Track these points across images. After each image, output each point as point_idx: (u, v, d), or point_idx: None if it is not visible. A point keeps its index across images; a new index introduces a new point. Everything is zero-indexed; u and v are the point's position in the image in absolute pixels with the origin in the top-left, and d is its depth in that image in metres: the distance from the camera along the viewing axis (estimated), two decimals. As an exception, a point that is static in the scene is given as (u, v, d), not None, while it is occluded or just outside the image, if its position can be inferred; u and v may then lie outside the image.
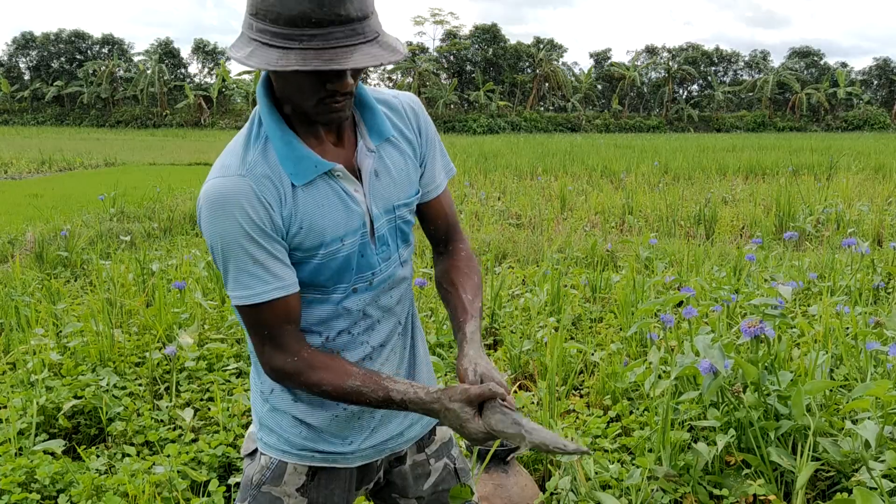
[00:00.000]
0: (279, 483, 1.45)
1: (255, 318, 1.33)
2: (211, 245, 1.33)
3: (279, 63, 1.18)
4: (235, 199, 1.29)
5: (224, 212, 1.29)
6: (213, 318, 4.32)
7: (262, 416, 1.47)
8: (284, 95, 1.31)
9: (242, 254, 1.30)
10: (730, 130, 58.53)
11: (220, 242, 1.30)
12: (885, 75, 66.47)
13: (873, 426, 2.28)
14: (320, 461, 1.46)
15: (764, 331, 2.60)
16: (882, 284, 4.86)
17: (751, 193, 11.41)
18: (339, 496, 1.48)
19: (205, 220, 1.31)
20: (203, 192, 1.32)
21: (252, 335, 1.36)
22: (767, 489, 2.37)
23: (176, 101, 63.00)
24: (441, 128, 56.08)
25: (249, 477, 1.47)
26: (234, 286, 1.32)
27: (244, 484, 1.48)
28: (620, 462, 2.68)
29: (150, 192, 11.06)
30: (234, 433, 2.85)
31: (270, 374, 1.36)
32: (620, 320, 4.50)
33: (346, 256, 1.38)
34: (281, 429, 1.45)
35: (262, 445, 1.47)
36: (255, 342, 1.36)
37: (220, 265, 1.34)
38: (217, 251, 1.32)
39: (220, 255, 1.32)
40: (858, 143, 27.52)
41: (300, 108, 1.31)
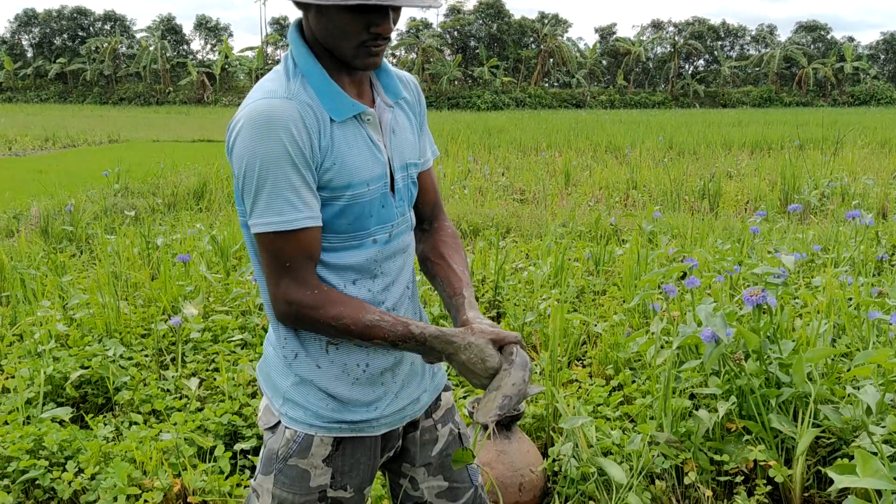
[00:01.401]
0: (306, 455, 1.45)
1: (280, 247, 1.32)
2: (245, 167, 1.31)
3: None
4: (282, 120, 1.30)
5: (269, 132, 1.29)
6: (217, 290, 4.34)
7: (287, 390, 1.46)
8: (326, 38, 1.35)
9: (281, 178, 1.30)
10: (736, 106, 58.12)
11: (258, 164, 1.29)
12: (892, 50, 65.83)
13: (874, 391, 2.29)
14: (347, 432, 1.46)
15: (766, 299, 2.61)
16: (886, 256, 4.86)
17: (756, 168, 11.36)
18: (364, 464, 1.49)
19: (244, 139, 1.30)
20: (246, 113, 1.32)
21: (271, 268, 1.34)
22: (768, 455, 2.39)
23: (179, 77, 62.75)
24: (445, 104, 55.83)
25: (274, 450, 1.46)
26: (265, 211, 1.31)
27: (267, 457, 1.47)
28: (622, 429, 2.70)
29: (154, 169, 11.06)
30: (240, 402, 2.88)
31: (286, 309, 1.34)
32: (623, 292, 4.51)
33: (370, 202, 1.39)
34: (308, 402, 1.45)
35: (286, 420, 1.45)
36: (272, 276, 1.34)
37: (252, 189, 1.31)
38: (252, 173, 1.30)
39: (254, 177, 1.30)
40: (865, 117, 27.33)
41: (340, 51, 1.35)
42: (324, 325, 1.34)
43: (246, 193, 1.33)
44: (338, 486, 1.46)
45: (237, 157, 1.32)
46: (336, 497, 1.46)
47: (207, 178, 9.61)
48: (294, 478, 1.45)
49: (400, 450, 1.61)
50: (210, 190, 9.09)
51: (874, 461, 1.88)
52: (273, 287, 1.34)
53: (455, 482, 1.66)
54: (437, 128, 20.03)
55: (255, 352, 3.44)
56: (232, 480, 2.33)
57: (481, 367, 1.33)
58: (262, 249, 1.34)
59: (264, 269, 1.36)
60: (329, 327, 1.34)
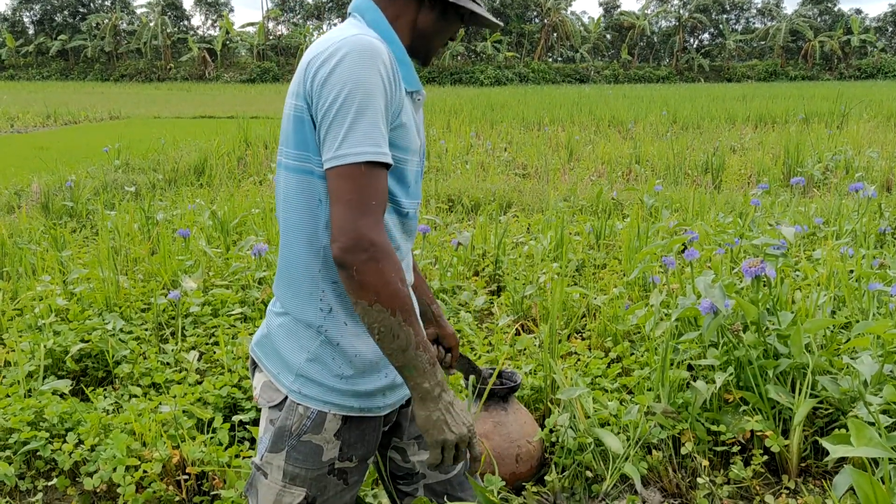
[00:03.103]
0: (320, 431, 1.45)
1: (370, 181, 1.30)
2: (347, 94, 1.30)
3: (480, 9, 1.53)
4: (381, 56, 1.34)
5: (372, 62, 1.32)
6: (217, 265, 4.34)
7: (301, 366, 1.45)
8: (427, 30, 1.52)
9: (378, 111, 1.31)
10: (741, 80, 57.66)
11: (360, 92, 1.30)
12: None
13: (871, 362, 2.29)
14: (357, 411, 1.47)
15: (765, 271, 2.60)
16: (889, 229, 4.83)
17: (760, 142, 11.29)
18: (369, 435, 1.51)
19: (348, 67, 1.31)
20: (349, 43, 1.33)
21: (353, 204, 1.29)
22: (765, 425, 2.39)
23: (180, 54, 62.44)
24: (448, 80, 55.46)
25: (287, 427, 1.45)
26: (362, 140, 1.29)
27: (279, 434, 1.46)
28: (620, 401, 2.70)
29: (155, 145, 11.04)
30: (239, 374, 2.89)
31: (359, 248, 1.28)
32: (624, 266, 4.51)
33: (413, 172, 1.48)
34: (323, 378, 1.44)
35: (298, 397, 1.45)
36: (351, 212, 1.28)
37: (349, 117, 1.29)
38: (351, 101, 1.30)
39: (353, 105, 1.30)
40: (872, 91, 27.10)
41: (428, 45, 1.53)
42: (382, 279, 1.30)
43: (337, 122, 1.30)
44: (344, 457, 1.47)
45: (336, 83, 1.31)
46: (342, 468, 1.48)
47: (208, 153, 9.58)
48: (307, 454, 1.45)
49: (393, 424, 1.63)
50: (210, 166, 9.06)
51: (868, 430, 1.87)
52: (349, 223, 1.28)
53: None
54: (440, 103, 19.93)
55: (254, 325, 3.44)
56: (231, 451, 2.34)
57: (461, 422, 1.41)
58: (346, 181, 1.29)
59: (340, 204, 1.29)
60: (385, 283, 1.30)
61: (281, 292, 1.49)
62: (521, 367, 3.02)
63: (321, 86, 1.32)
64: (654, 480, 2.41)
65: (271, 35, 65.37)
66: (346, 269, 1.30)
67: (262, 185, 8.18)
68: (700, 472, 2.39)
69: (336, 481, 1.48)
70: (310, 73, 1.35)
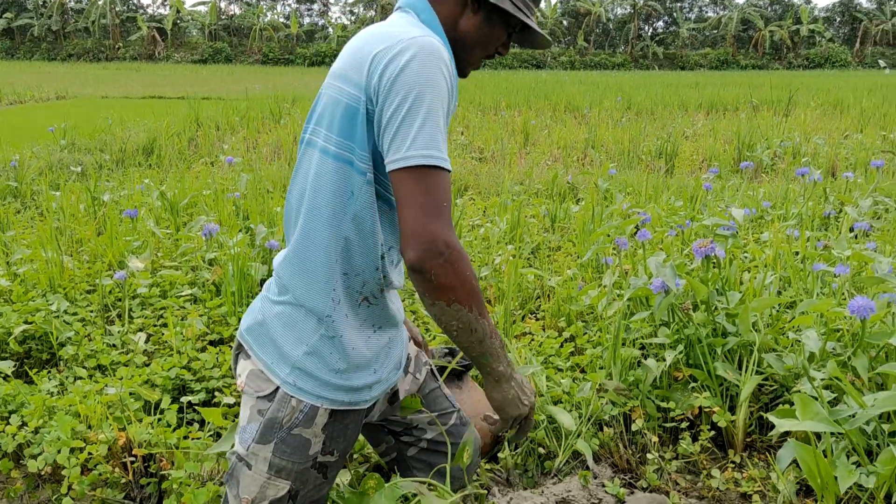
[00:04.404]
0: (310, 425, 1.45)
1: (440, 184, 1.28)
2: (416, 96, 1.28)
3: (530, 20, 1.52)
4: (445, 59, 1.34)
5: (438, 66, 1.31)
6: (166, 246, 4.25)
7: (298, 359, 1.44)
8: (471, 36, 1.49)
9: (440, 114, 1.30)
10: (694, 68, 58.52)
11: (428, 94, 1.29)
12: (848, 12, 66.69)
13: (816, 337, 2.34)
14: (347, 405, 1.48)
15: (714, 251, 2.64)
16: (833, 213, 4.95)
17: (712, 128, 11.47)
18: (351, 430, 1.52)
19: (418, 67, 1.29)
20: (416, 42, 1.32)
21: (424, 206, 1.27)
22: (712, 402, 2.44)
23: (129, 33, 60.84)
24: (404, 63, 55.08)
25: (277, 420, 1.44)
26: (429, 143, 1.27)
27: (268, 425, 1.45)
28: (573, 379, 2.72)
29: (102, 125, 10.74)
30: (188, 356, 2.83)
31: (437, 250, 1.27)
32: (578, 248, 4.54)
33: None
34: (319, 372, 1.44)
35: (292, 389, 1.44)
36: (424, 215, 1.27)
37: (419, 119, 1.28)
38: (420, 102, 1.28)
39: (423, 107, 1.28)
40: (819, 79, 27.75)
41: (471, 52, 1.52)
42: (459, 279, 1.30)
43: (406, 123, 1.28)
44: (327, 451, 1.48)
45: (406, 83, 1.29)
46: (324, 461, 1.48)
47: (157, 134, 9.37)
48: (295, 447, 1.45)
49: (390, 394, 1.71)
50: (160, 146, 8.86)
51: (814, 405, 1.92)
52: (422, 227, 1.27)
53: (440, 410, 1.81)
54: (396, 86, 19.75)
55: (204, 307, 3.38)
56: (179, 433, 2.30)
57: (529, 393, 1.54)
58: (416, 184, 1.27)
59: (411, 208, 1.27)
60: (462, 283, 1.30)
61: (290, 277, 1.45)
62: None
63: (391, 83, 1.30)
64: (606, 456, 2.44)
65: (223, 15, 64.10)
66: (423, 273, 1.28)
67: (214, 166, 8.03)
68: (650, 447, 2.43)
69: (316, 475, 1.49)
70: (376, 67, 1.33)
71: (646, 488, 2.29)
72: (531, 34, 1.59)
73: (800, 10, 63.40)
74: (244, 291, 3.36)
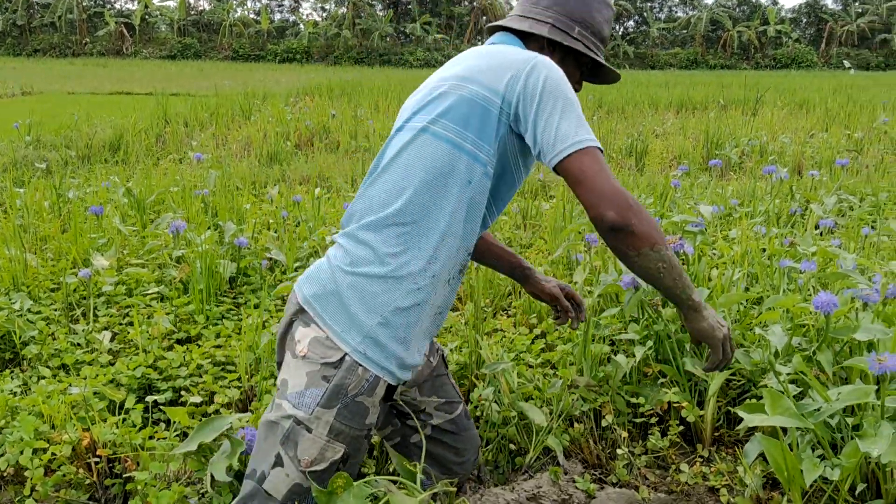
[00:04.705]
0: (372, 394, 1.56)
1: (602, 159, 1.51)
2: (565, 97, 1.54)
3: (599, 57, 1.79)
4: None
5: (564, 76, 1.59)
6: (132, 244, 4.18)
7: (372, 328, 1.54)
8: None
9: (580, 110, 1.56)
10: (664, 67, 59.05)
11: (572, 95, 1.55)
12: (814, 13, 67.77)
13: (782, 333, 2.37)
14: (397, 380, 1.61)
15: (683, 247, 2.65)
16: (799, 210, 5.02)
17: (681, 127, 11.58)
18: (380, 403, 1.62)
19: (558, 75, 1.57)
20: (541, 59, 1.59)
21: (606, 173, 1.48)
22: (681, 397, 2.45)
23: (96, 28, 59.81)
24: (377, 61, 54.96)
25: (344, 386, 1.53)
26: (589, 131, 1.52)
27: (334, 391, 1.53)
28: (544, 375, 2.73)
29: (69, 121, 10.55)
30: (154, 355, 2.79)
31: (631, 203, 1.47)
32: (549, 245, 4.55)
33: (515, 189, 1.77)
34: (389, 343, 1.55)
35: (362, 358, 1.53)
36: (608, 180, 1.48)
37: (574, 113, 1.53)
38: (572, 101, 1.54)
39: (573, 105, 1.54)
40: (786, 80, 28.14)
41: None
42: (653, 224, 1.49)
43: (566, 118, 1.51)
44: (376, 423, 1.65)
45: (554, 88, 1.54)
46: (371, 433, 1.64)
47: (124, 130, 9.23)
48: (356, 413, 1.55)
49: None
50: (127, 143, 8.73)
51: (783, 399, 1.94)
52: (610, 189, 1.47)
53: (447, 398, 1.93)
54: (368, 83, 19.73)
55: (171, 305, 3.33)
56: (144, 433, 2.26)
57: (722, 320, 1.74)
58: (592, 160, 1.49)
59: (595, 177, 1.47)
60: (656, 227, 1.50)
61: (386, 247, 1.56)
62: (446, 345, 3.01)
63: (541, 89, 1.54)
64: (576, 452, 2.45)
65: (193, 10, 63.35)
66: (626, 227, 1.47)
67: (182, 163, 7.93)
68: (620, 443, 2.44)
69: (365, 444, 1.61)
70: (518, 79, 1.56)
71: (616, 483, 2.30)
72: (601, 71, 1.83)
73: (767, 10, 64.29)
74: (212, 289, 3.32)
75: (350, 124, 10.51)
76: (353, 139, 9.77)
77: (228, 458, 1.91)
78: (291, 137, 9.86)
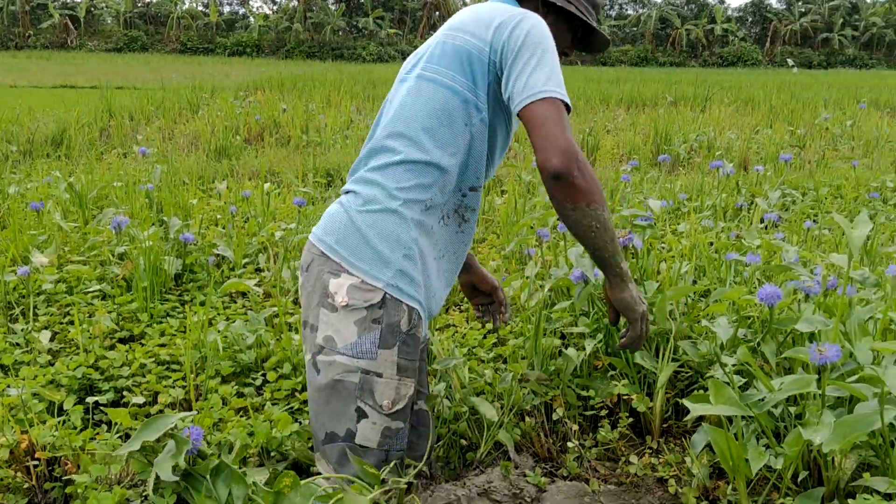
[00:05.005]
0: (419, 324, 1.65)
1: (565, 114, 1.57)
2: (544, 48, 1.60)
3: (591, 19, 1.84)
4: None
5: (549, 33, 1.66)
6: (73, 240, 4.06)
7: (398, 262, 1.60)
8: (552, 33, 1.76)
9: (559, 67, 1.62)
10: (615, 64, 59.76)
11: (552, 49, 1.62)
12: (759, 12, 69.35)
13: (727, 325, 2.40)
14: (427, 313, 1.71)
15: (632, 241, 2.68)
16: (745, 204, 5.13)
17: (632, 123, 11.74)
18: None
19: (541, 29, 1.63)
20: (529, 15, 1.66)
21: (560, 123, 1.54)
22: (631, 389, 2.48)
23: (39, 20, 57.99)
24: (329, 55, 54.47)
25: (395, 323, 1.59)
26: (560, 84, 1.58)
27: (388, 330, 1.58)
28: (495, 369, 2.73)
29: (10, 115, 10.21)
30: (96, 355, 2.70)
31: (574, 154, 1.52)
32: (502, 240, 4.57)
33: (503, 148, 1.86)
34: (416, 273, 1.62)
35: (396, 291, 1.59)
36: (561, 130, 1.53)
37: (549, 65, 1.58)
38: (551, 54, 1.60)
39: (550, 57, 1.60)
40: (732, 77, 28.74)
41: None
42: (594, 181, 1.55)
43: (540, 67, 1.57)
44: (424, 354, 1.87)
45: (535, 40, 1.60)
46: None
47: (67, 124, 8.97)
48: (413, 346, 1.62)
49: None
50: (70, 137, 8.49)
51: (726, 389, 1.97)
52: (561, 138, 1.52)
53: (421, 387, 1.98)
54: (320, 77, 19.54)
55: (113, 303, 3.24)
56: (84, 435, 2.19)
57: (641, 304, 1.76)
58: (552, 108, 1.55)
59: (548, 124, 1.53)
60: (597, 185, 1.55)
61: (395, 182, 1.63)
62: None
63: (522, 39, 1.60)
64: (527, 446, 2.45)
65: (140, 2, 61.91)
66: (566, 177, 1.52)
67: (127, 157, 7.74)
68: (570, 436, 2.45)
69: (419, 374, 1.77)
70: (502, 31, 1.64)
71: (566, 476, 2.31)
72: (592, 37, 1.88)
73: (714, 9, 65.56)
74: (156, 286, 3.24)
75: (301, 119, 10.39)
76: (304, 133, 9.66)
77: (174, 457, 1.85)
78: (241, 132, 9.70)
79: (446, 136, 1.66)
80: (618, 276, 1.71)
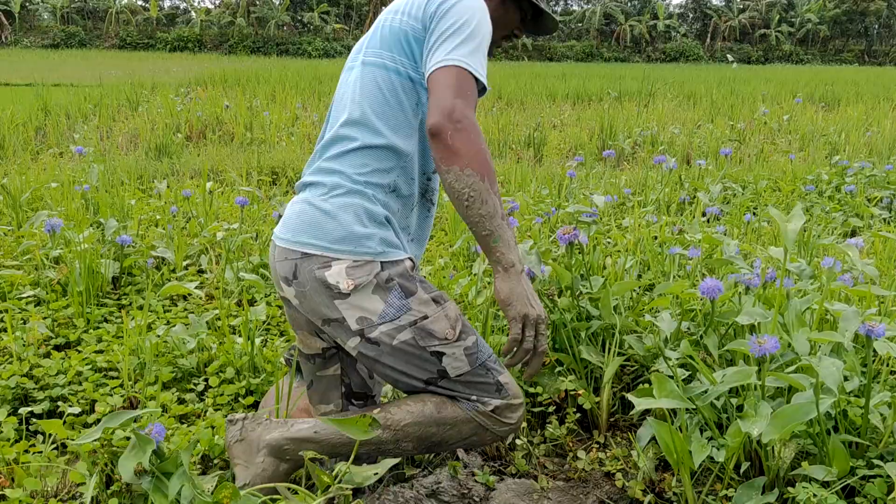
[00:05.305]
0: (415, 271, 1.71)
1: (469, 83, 1.57)
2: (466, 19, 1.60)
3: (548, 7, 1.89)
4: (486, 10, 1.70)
5: (484, 10, 1.67)
6: (6, 244, 3.91)
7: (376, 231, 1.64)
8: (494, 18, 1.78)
9: (485, 43, 1.63)
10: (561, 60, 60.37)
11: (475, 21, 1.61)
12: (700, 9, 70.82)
13: (670, 320, 2.43)
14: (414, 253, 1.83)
15: (578, 237, 2.69)
16: (688, 198, 5.22)
17: (578, 118, 11.86)
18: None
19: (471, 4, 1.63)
20: None
21: (454, 88, 1.53)
22: (578, 384, 2.49)
23: (-31, 14, 55.87)
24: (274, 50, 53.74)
25: (405, 273, 1.65)
26: (471, 55, 1.57)
27: (403, 283, 1.63)
28: (442, 369, 2.71)
29: (-64, 113, 9.80)
30: (30, 363, 2.60)
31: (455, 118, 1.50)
32: (450, 237, 4.56)
33: None
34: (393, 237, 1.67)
35: (385, 256, 1.63)
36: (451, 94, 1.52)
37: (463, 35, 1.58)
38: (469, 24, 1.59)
39: (470, 27, 1.59)
40: (674, 73, 29.29)
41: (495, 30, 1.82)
42: (474, 147, 1.52)
43: (452, 38, 1.58)
44: None
45: (458, 12, 1.61)
46: None
47: (0, 123, 8.64)
48: (426, 281, 1.69)
49: None
50: (2, 136, 8.18)
51: (669, 383, 1.99)
52: (446, 100, 1.51)
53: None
54: (265, 73, 19.25)
55: (48, 308, 3.13)
56: (18, 447, 2.11)
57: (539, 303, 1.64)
58: (449, 75, 1.55)
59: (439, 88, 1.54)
60: (477, 151, 1.52)
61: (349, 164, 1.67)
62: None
63: (445, 12, 1.62)
64: (476, 445, 2.44)
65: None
66: (439, 136, 1.50)
67: (63, 157, 7.50)
68: (518, 433, 2.45)
69: None
70: (433, 4, 1.65)
71: (515, 474, 2.31)
72: (542, 19, 1.89)
73: (656, 6, 66.72)
74: (93, 291, 3.14)
75: (245, 116, 10.21)
76: (248, 131, 9.49)
77: (137, 455, 1.77)
78: (182, 129, 9.49)
79: (399, 118, 1.68)
80: (498, 262, 1.60)
